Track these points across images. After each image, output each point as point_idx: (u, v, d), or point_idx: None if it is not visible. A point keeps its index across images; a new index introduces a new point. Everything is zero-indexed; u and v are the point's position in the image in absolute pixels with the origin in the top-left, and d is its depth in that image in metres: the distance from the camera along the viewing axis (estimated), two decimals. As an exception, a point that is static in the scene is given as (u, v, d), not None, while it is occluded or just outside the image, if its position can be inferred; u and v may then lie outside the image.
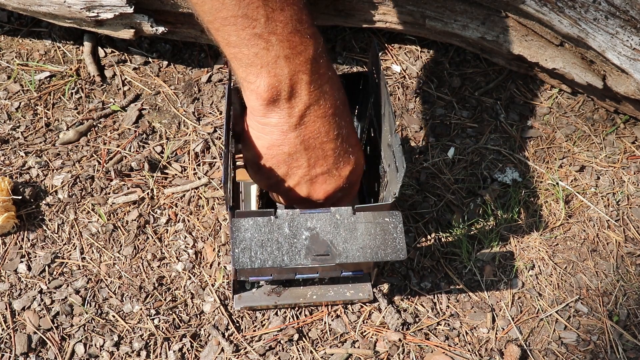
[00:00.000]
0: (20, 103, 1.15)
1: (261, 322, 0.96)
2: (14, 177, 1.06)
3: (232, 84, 0.82)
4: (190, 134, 1.14)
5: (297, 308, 0.97)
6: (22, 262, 0.99)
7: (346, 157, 0.81)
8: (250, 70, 0.70)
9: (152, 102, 1.18)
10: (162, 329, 0.95)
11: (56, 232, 1.02)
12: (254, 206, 0.98)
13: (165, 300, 0.97)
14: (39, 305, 0.95)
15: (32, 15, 1.15)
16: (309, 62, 0.71)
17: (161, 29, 1.09)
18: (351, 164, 0.82)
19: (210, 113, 1.16)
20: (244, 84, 0.73)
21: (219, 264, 1.01)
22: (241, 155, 0.90)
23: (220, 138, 1.13)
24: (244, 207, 0.99)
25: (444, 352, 0.95)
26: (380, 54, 1.25)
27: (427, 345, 0.95)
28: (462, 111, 1.19)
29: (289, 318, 0.96)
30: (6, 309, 0.95)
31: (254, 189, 0.99)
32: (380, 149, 0.90)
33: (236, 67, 0.72)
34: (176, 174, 1.09)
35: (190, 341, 0.94)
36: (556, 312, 1.00)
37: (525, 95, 1.22)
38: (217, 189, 1.08)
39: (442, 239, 1.05)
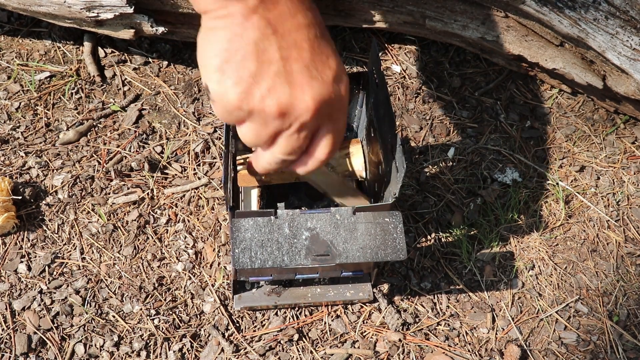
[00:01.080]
0: (20, 103, 1.15)
1: (261, 322, 0.96)
2: (14, 177, 1.06)
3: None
4: (190, 134, 1.14)
5: (297, 308, 0.97)
6: (22, 262, 0.99)
7: (324, 58, 0.69)
8: None
9: (152, 102, 1.18)
10: (162, 329, 0.95)
11: (56, 232, 1.02)
12: (254, 206, 0.98)
13: (165, 300, 0.97)
14: (39, 305, 0.95)
15: (32, 15, 1.15)
16: None
17: (161, 29, 1.09)
18: (333, 69, 0.69)
19: (210, 113, 1.16)
20: None
21: (219, 264, 1.01)
22: (242, 156, 0.90)
23: (220, 138, 1.13)
24: (243, 207, 0.99)
25: (444, 352, 0.95)
26: (380, 54, 1.25)
27: (427, 346, 0.95)
28: (462, 111, 1.19)
29: (289, 318, 0.96)
30: (6, 309, 0.95)
31: (254, 190, 0.98)
32: (380, 149, 0.90)
33: None
34: (176, 174, 1.09)
35: (190, 341, 0.94)
36: (556, 312, 1.00)
37: (525, 95, 1.22)
38: (217, 189, 1.08)
39: (442, 239, 1.05)
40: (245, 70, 0.65)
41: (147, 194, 1.06)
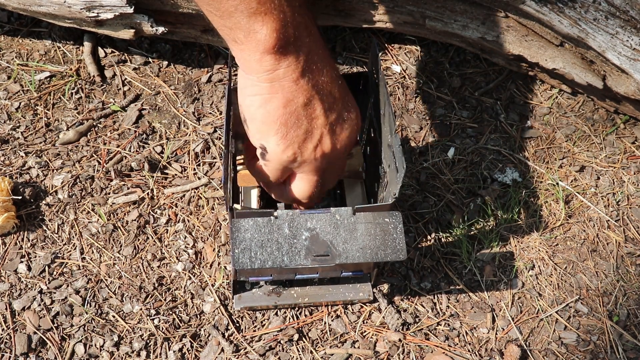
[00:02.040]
0: (20, 103, 1.15)
1: (261, 322, 0.96)
2: (14, 177, 1.06)
3: (232, 84, 0.82)
4: (190, 134, 1.14)
5: (297, 308, 0.97)
6: (22, 262, 0.99)
7: (348, 98, 0.78)
8: (255, 18, 0.65)
9: (152, 102, 1.18)
10: (162, 329, 0.95)
11: (56, 232, 1.02)
12: (254, 207, 0.98)
13: (165, 300, 0.97)
14: (39, 305, 0.95)
15: (32, 15, 1.15)
16: (303, 4, 0.68)
17: (161, 29, 1.09)
18: (352, 105, 0.79)
19: (210, 113, 1.16)
20: (248, 38, 0.66)
21: (219, 264, 1.01)
22: (242, 156, 0.90)
23: (220, 138, 1.13)
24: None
25: (444, 352, 0.95)
26: (380, 54, 1.25)
27: (427, 346, 0.95)
28: (462, 111, 1.19)
29: (289, 318, 0.96)
30: (6, 309, 0.95)
31: (254, 190, 0.98)
32: (380, 149, 0.90)
33: (237, 22, 0.65)
34: (176, 174, 1.09)
35: (190, 341, 0.94)
36: (556, 312, 1.00)
37: (525, 95, 1.22)
38: (217, 189, 1.08)
39: (442, 239, 1.05)
40: (300, 129, 0.73)
41: (147, 194, 1.06)
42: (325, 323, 0.96)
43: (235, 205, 0.81)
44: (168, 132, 1.14)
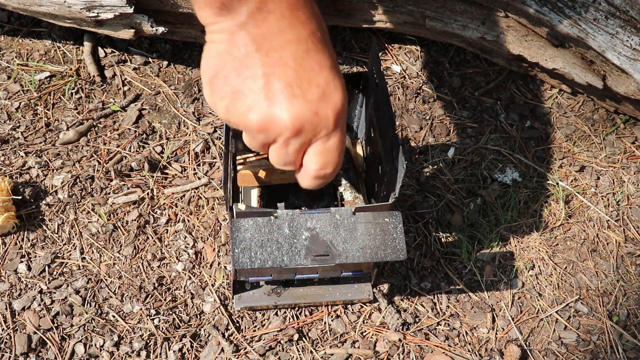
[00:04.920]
0: (20, 103, 1.15)
1: (261, 322, 0.96)
2: (14, 177, 1.06)
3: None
4: (190, 134, 1.14)
5: (297, 308, 0.97)
6: (22, 262, 0.99)
7: (312, 75, 0.69)
8: None
9: (152, 102, 1.18)
10: (162, 329, 0.95)
11: (56, 232, 1.02)
12: (254, 207, 0.98)
13: (165, 300, 0.97)
14: (39, 305, 0.95)
15: (32, 15, 1.15)
16: None
17: (161, 29, 1.09)
18: (321, 87, 0.69)
19: (210, 113, 1.16)
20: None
21: (219, 264, 1.01)
22: (242, 156, 0.90)
23: (220, 138, 1.13)
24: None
25: (444, 352, 0.95)
26: (380, 54, 1.25)
27: (427, 345, 0.95)
28: (462, 111, 1.19)
29: (289, 318, 0.96)
30: (6, 309, 0.95)
31: (254, 190, 0.99)
32: (380, 149, 0.90)
33: None
34: (176, 174, 1.09)
35: (190, 341, 0.94)
36: (556, 312, 1.00)
37: (525, 95, 1.22)
38: (217, 189, 1.08)
39: (442, 239, 1.05)
40: (228, 86, 0.68)
41: (147, 194, 1.06)
42: (325, 323, 0.96)
43: (239, 205, 0.81)
44: (168, 132, 1.14)
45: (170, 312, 0.96)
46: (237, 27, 0.66)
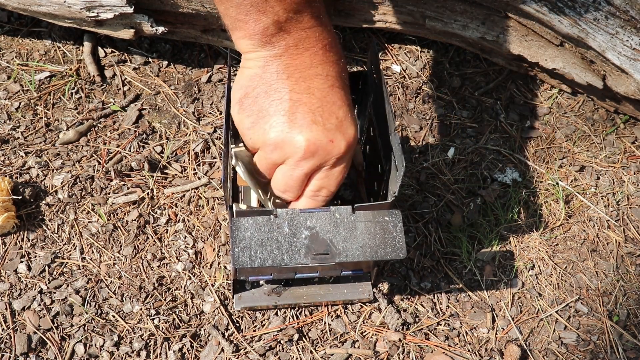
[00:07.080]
0: (20, 103, 1.15)
1: (261, 322, 0.96)
2: (14, 177, 1.06)
3: (231, 84, 0.82)
4: (190, 134, 1.14)
5: (297, 308, 0.97)
6: (22, 262, 0.99)
7: (334, 108, 0.76)
8: (240, 9, 0.71)
9: (152, 102, 1.18)
10: (162, 329, 0.95)
11: (56, 232, 1.02)
12: (254, 207, 0.98)
13: (165, 300, 0.97)
14: (39, 305, 0.95)
15: (32, 15, 1.16)
16: (301, 3, 0.71)
17: (161, 29, 1.10)
18: (339, 119, 0.76)
19: (210, 113, 1.16)
20: (237, 26, 0.73)
21: (219, 264, 1.01)
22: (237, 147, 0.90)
23: (220, 138, 1.13)
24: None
25: (444, 352, 0.95)
26: (380, 54, 1.25)
27: (427, 345, 0.95)
28: (462, 111, 1.19)
29: (289, 318, 0.96)
30: (6, 309, 0.95)
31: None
32: (380, 149, 0.90)
33: (228, 11, 0.72)
34: (176, 174, 1.09)
35: (190, 341, 0.94)
36: (556, 312, 0.99)
37: (525, 95, 1.22)
38: (217, 189, 1.08)
39: (442, 239, 1.05)
40: (256, 106, 0.75)
41: (147, 193, 1.06)
42: (325, 323, 0.96)
43: (240, 205, 0.81)
44: (168, 132, 1.14)
45: (170, 312, 0.96)
46: (272, 57, 0.74)
